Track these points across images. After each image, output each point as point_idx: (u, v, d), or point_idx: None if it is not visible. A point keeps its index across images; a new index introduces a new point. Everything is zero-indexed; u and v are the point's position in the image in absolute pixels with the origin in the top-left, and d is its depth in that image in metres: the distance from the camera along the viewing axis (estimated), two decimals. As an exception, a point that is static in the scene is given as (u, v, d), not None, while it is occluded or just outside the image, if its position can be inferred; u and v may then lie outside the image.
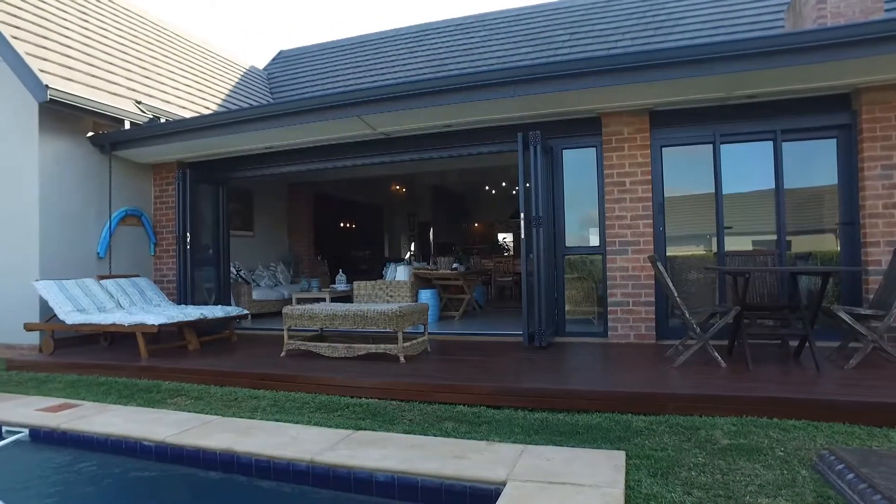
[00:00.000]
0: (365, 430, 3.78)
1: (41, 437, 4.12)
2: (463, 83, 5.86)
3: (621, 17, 11.12)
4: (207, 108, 9.96)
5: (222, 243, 8.27)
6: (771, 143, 5.89)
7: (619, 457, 3.11)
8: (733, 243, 6.16)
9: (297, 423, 4.00)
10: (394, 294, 8.07)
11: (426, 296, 8.17)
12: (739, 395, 3.83)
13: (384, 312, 5.28)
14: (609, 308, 6.31)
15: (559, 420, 3.84)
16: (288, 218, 12.32)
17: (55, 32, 7.91)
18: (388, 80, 12.70)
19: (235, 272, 9.14)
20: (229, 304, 8.08)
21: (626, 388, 4.23)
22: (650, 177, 6.21)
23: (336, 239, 14.22)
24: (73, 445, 4.02)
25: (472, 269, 9.53)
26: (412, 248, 18.13)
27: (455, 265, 8.94)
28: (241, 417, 4.19)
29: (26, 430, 4.15)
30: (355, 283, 8.23)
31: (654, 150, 6.26)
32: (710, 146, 6.11)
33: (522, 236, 6.09)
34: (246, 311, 7.24)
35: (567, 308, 6.71)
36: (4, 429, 4.18)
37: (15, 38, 6.91)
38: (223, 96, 11.21)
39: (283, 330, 5.83)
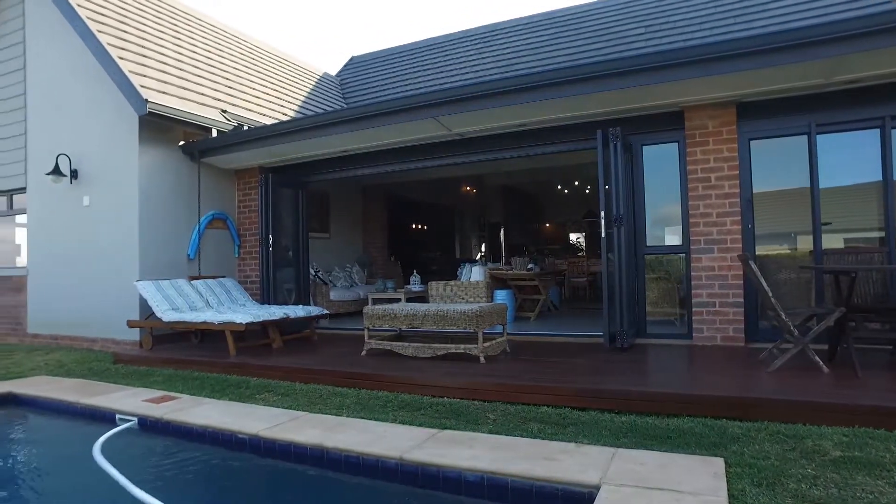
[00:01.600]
0: (450, 429, 3.79)
1: (148, 426, 4.39)
2: (539, 81, 5.78)
3: (698, 7, 10.68)
4: (286, 114, 10.33)
5: (301, 245, 8.54)
6: (878, 130, 5.47)
7: (717, 464, 2.97)
8: (826, 241, 5.76)
9: (381, 420, 4.07)
10: (469, 295, 8.07)
11: (502, 296, 8.13)
12: (850, 404, 3.57)
13: (464, 312, 5.29)
14: (693, 309, 6.05)
15: (648, 424, 3.71)
16: (362, 220, 12.60)
17: (153, 50, 8.45)
18: (456, 81, 12.78)
19: (314, 273, 9.42)
20: (309, 304, 8.34)
21: (719, 392, 4.03)
22: (737, 172, 5.91)
23: (408, 240, 14.42)
24: (175, 434, 4.25)
25: (546, 270, 9.41)
26: (483, 249, 18.13)
27: (530, 266, 8.86)
28: (327, 414, 4.30)
29: (135, 419, 4.43)
30: (430, 284, 8.28)
31: (741, 143, 5.96)
32: (805, 137, 5.75)
33: (602, 235, 5.94)
34: (326, 311, 7.46)
35: (648, 309, 6.50)
36: (118, 416, 4.48)
37: (121, 58, 7.43)
38: (300, 103, 11.60)
39: (360, 329, 5.95)
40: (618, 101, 5.95)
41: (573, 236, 19.47)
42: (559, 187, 17.00)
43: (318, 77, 14.59)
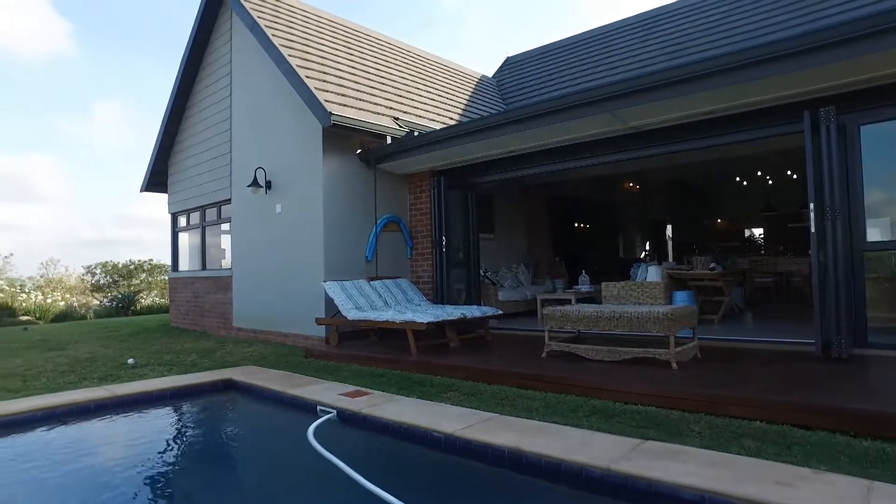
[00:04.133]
0: (652, 440, 3.54)
1: (346, 419, 4.67)
2: (740, 61, 5.20)
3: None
4: (451, 118, 10.58)
5: (472, 246, 8.67)
6: None
7: None
8: None
9: (575, 426, 3.92)
10: (645, 296, 7.60)
11: (681, 297, 7.58)
12: None
13: (654, 315, 4.97)
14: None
15: (904, 453, 3.16)
16: (525, 220, 12.53)
17: (331, 67, 9.13)
18: (619, 74, 12.21)
19: (482, 274, 9.52)
20: (479, 305, 8.43)
21: None
22: None
23: (571, 239, 14.08)
24: (371, 428, 4.47)
25: (729, 269, 8.61)
26: (647, 248, 17.18)
27: (712, 265, 8.15)
28: (517, 417, 4.24)
29: (334, 411, 4.73)
30: (603, 284, 7.92)
31: None
32: None
33: (812, 230, 5.25)
34: (500, 311, 7.48)
35: (868, 314, 5.61)
36: (319, 408, 4.83)
37: (308, 77, 8.11)
38: (462, 106, 11.83)
39: (530, 330, 5.86)
40: (830, 76, 5.21)
41: (754, 232, 17.70)
42: (737, 179, 15.52)
43: (476, 80, 14.81)
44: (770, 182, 15.00)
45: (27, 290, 19.23)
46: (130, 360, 7.39)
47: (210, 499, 3.51)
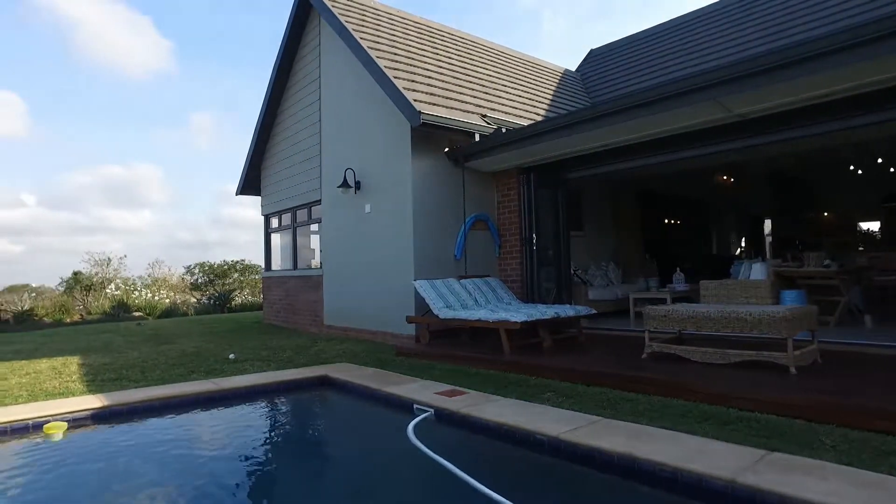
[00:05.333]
0: (779, 451, 3.26)
1: (443, 418, 4.64)
2: (872, 33, 4.70)
3: None
4: (537, 114, 10.40)
5: (562, 244, 8.47)
6: None
7: None
8: None
9: (687, 433, 3.69)
10: (750, 295, 7.11)
11: (791, 297, 7.03)
12: None
13: (769, 315, 4.61)
14: None
15: None
16: (614, 216, 12.12)
17: (418, 66, 9.20)
18: (712, 60, 11.56)
19: (572, 272, 9.28)
20: (569, 304, 8.22)
21: None
22: None
23: (662, 236, 13.50)
24: (470, 428, 4.41)
25: (846, 267, 7.91)
26: (743, 244, 16.21)
27: (826, 262, 7.52)
28: (622, 420, 4.06)
29: (431, 410, 4.72)
30: (702, 283, 7.51)
31: None
32: None
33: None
34: (594, 311, 7.24)
35: None
36: (415, 406, 4.84)
37: (396, 77, 8.21)
38: (548, 101, 11.61)
39: (623, 330, 5.61)
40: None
41: (868, 226, 16.25)
42: (851, 168, 14.24)
43: (560, 74, 14.52)
44: (893, 169, 13.66)
45: (138, 289, 20.79)
46: (231, 355, 7.75)
47: (316, 490, 3.59)
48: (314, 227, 11.32)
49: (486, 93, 9.84)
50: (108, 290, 19.71)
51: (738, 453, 3.24)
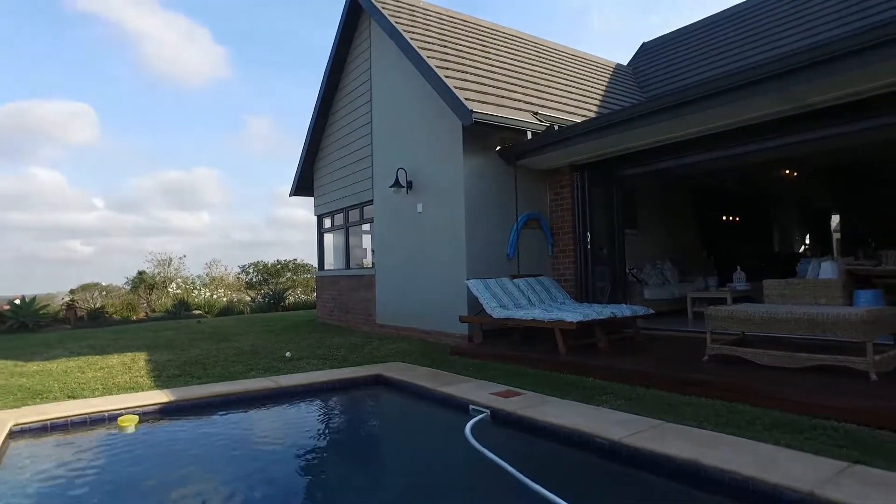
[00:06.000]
0: (863, 464, 3.07)
1: (500, 419, 4.60)
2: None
3: None
4: (590, 110, 10.21)
5: (616, 242, 8.28)
6: None
7: None
8: None
9: (757, 440, 3.53)
10: (819, 295, 6.81)
11: (866, 298, 6.65)
12: None
13: (846, 317, 4.37)
14: None
15: None
16: (669, 213, 11.79)
17: (469, 65, 9.17)
18: (773, 49, 11.07)
19: (627, 271, 9.07)
20: (624, 303, 8.03)
21: None
22: None
23: (719, 233, 13.04)
24: (527, 430, 4.35)
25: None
26: (807, 241, 15.48)
27: (904, 260, 7.09)
28: (685, 425, 3.92)
29: (488, 411, 4.68)
30: (766, 282, 7.24)
31: None
32: None
33: None
34: (652, 311, 7.05)
35: None
36: (471, 407, 4.81)
37: (447, 77, 8.21)
38: (600, 97, 11.38)
39: (681, 331, 5.42)
40: None
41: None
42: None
43: (612, 69, 14.22)
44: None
45: (198, 288, 21.58)
46: (288, 353, 7.93)
47: (373, 489, 3.61)
48: (366, 226, 11.46)
49: (538, 90, 9.72)
50: (169, 289, 20.54)
51: (815, 464, 3.07)
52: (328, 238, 13.38)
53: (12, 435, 4.46)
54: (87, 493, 3.49)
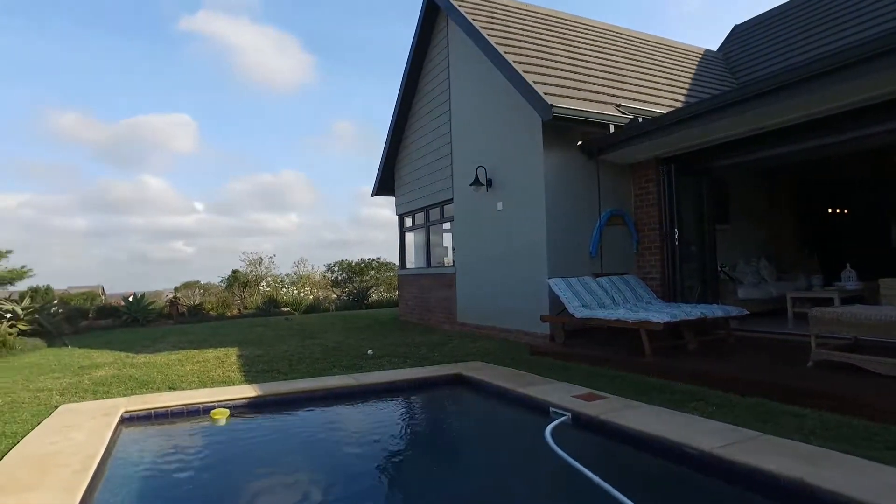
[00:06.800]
0: None
1: (581, 423, 4.45)
2: None
3: None
4: (676, 100, 9.71)
5: (706, 238, 7.83)
6: None
7: None
8: None
9: (873, 459, 3.18)
10: (946, 296, 6.09)
11: None
12: None
13: (980, 322, 3.87)
14: None
15: None
16: (765, 207, 11.01)
17: (549, 59, 8.99)
18: (883, 24, 10.03)
19: (719, 268, 8.55)
20: (715, 303, 7.57)
21: None
22: None
23: (824, 228, 12.03)
24: (609, 435, 4.18)
25: None
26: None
27: None
28: (787, 438, 3.61)
29: (569, 414, 4.54)
30: (881, 281, 6.56)
31: None
32: None
33: None
34: (746, 312, 6.60)
35: None
36: (551, 409, 4.69)
37: (526, 72, 8.08)
38: (687, 86, 10.81)
39: (777, 333, 5.01)
40: None
41: None
42: None
43: (699, 56, 13.48)
44: None
45: (286, 286, 22.57)
46: (370, 351, 8.08)
47: (451, 487, 3.59)
48: (446, 225, 11.51)
49: (621, 81, 9.36)
50: (260, 287, 21.59)
51: (945, 488, 2.73)
52: (409, 237, 13.57)
53: (123, 421, 4.88)
54: (190, 476, 3.74)
